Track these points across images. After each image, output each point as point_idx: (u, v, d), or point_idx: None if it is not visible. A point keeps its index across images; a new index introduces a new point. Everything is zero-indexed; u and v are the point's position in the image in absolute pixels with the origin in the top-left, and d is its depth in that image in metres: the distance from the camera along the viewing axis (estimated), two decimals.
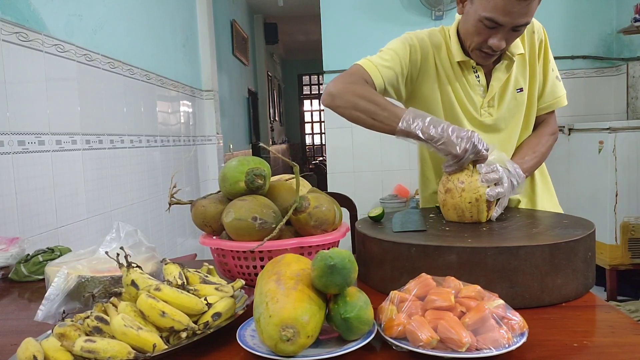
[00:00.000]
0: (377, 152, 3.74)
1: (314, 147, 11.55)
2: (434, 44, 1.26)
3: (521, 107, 1.26)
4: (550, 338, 0.70)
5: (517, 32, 1.10)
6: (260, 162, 0.93)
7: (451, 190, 1.05)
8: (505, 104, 1.25)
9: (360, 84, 1.17)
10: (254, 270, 0.90)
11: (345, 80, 1.19)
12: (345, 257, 0.66)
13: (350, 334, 0.67)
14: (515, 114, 1.26)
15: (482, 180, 1.03)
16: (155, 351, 0.64)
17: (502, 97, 1.25)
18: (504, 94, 1.24)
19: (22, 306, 1.03)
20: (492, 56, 1.16)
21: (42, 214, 1.66)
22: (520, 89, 1.25)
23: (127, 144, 2.34)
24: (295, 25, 7.96)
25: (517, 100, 1.25)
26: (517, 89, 1.24)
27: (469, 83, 1.24)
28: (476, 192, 1.02)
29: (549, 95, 1.28)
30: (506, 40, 1.11)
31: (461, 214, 1.05)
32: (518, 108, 1.26)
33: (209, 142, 3.67)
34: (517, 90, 1.24)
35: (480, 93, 1.25)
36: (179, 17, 3.20)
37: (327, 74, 3.74)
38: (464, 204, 1.03)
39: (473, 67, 1.24)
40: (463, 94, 1.25)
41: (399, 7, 3.64)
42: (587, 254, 0.87)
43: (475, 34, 1.12)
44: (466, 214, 1.04)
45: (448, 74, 1.25)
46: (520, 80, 1.24)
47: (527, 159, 1.22)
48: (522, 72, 1.25)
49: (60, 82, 1.80)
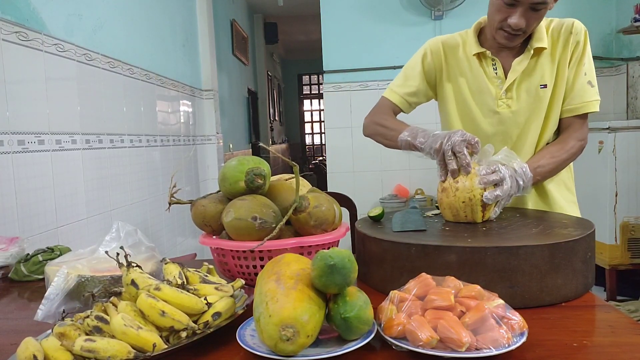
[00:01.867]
0: (377, 152, 3.74)
1: (313, 146, 11.55)
2: (449, 45, 1.34)
3: (543, 104, 1.24)
4: (550, 338, 0.70)
5: (537, 13, 1.13)
6: (260, 162, 0.93)
7: (446, 189, 1.06)
8: (524, 97, 1.24)
9: (380, 113, 1.40)
10: (254, 269, 0.90)
11: (372, 112, 1.43)
12: (345, 257, 0.66)
13: (350, 334, 0.67)
14: (536, 109, 1.25)
15: (480, 182, 1.02)
16: (155, 351, 0.64)
17: (521, 89, 1.25)
18: (525, 87, 1.24)
19: (22, 306, 1.03)
20: (515, 37, 1.18)
21: (41, 214, 1.66)
22: (544, 86, 1.23)
23: (127, 144, 2.34)
24: (295, 25, 7.96)
25: (540, 96, 1.24)
26: (541, 85, 1.23)
27: (486, 74, 1.28)
28: (470, 192, 1.02)
29: (576, 98, 1.23)
30: (526, 20, 1.13)
31: (456, 213, 1.05)
32: (539, 104, 1.24)
33: (208, 141, 3.67)
34: (541, 87, 1.23)
35: (497, 84, 1.27)
36: (179, 17, 3.20)
37: (327, 74, 3.74)
38: (458, 203, 1.04)
39: (492, 60, 1.27)
40: (479, 86, 1.29)
41: (399, 7, 3.64)
42: (586, 254, 0.87)
43: (496, 13, 1.17)
44: (460, 214, 1.04)
45: (463, 69, 1.31)
46: (546, 77, 1.23)
47: (543, 162, 1.19)
48: (549, 70, 1.23)
49: (60, 82, 1.80)
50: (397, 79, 1.42)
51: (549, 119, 1.27)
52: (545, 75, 1.23)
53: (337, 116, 3.76)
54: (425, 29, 3.62)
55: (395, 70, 3.65)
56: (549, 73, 1.23)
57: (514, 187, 1.06)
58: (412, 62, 1.39)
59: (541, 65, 1.23)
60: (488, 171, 1.04)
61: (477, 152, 1.07)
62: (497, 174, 1.04)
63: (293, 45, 9.59)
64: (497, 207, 1.05)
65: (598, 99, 1.23)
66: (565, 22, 1.23)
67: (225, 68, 4.70)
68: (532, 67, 1.24)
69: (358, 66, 3.70)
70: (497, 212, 1.06)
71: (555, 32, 1.23)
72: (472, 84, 1.30)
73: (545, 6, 1.11)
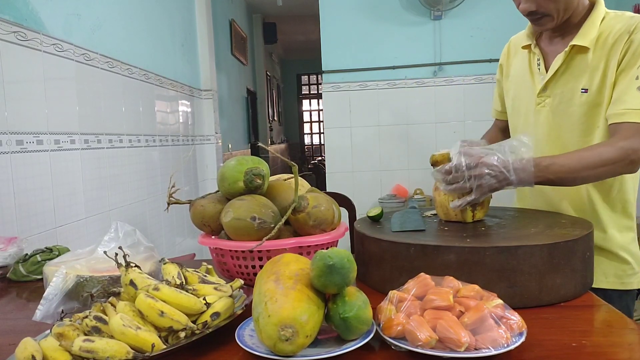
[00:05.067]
0: (376, 152, 3.74)
1: (312, 146, 11.54)
2: (514, 45, 1.33)
3: (583, 109, 1.12)
4: (549, 338, 0.70)
5: None
6: (259, 162, 0.93)
7: (438, 188, 1.08)
8: (563, 97, 1.15)
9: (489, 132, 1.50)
10: (253, 269, 0.90)
11: None
12: (344, 257, 0.66)
13: (349, 334, 0.67)
14: (575, 114, 1.13)
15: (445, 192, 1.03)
16: (154, 351, 0.64)
17: (560, 88, 1.15)
18: (563, 87, 1.15)
19: (21, 306, 1.03)
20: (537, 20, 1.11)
21: (40, 214, 1.66)
22: (585, 90, 1.11)
23: (125, 144, 2.34)
24: (294, 25, 7.96)
25: (580, 100, 1.12)
26: (582, 89, 1.11)
27: (530, 68, 1.24)
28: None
29: (617, 103, 1.06)
30: (536, 3, 1.07)
31: (446, 212, 1.06)
32: (579, 109, 1.12)
33: (207, 141, 3.66)
34: (582, 90, 1.11)
35: (539, 80, 1.19)
36: (178, 17, 3.20)
37: (326, 74, 3.74)
38: (447, 201, 1.05)
39: (537, 55, 1.21)
40: (524, 80, 1.25)
41: (398, 6, 3.64)
42: (585, 254, 0.87)
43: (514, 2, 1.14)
44: (451, 213, 1.06)
45: (515, 66, 1.29)
46: (589, 81, 1.10)
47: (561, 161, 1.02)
48: (594, 73, 1.10)
49: (58, 82, 1.80)
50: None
51: (596, 129, 1.11)
52: (589, 78, 1.10)
53: (336, 116, 3.76)
54: (424, 29, 3.62)
55: (394, 70, 3.66)
56: (593, 76, 1.10)
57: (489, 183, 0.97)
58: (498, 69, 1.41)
59: (585, 66, 1.10)
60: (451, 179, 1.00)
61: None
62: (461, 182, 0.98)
63: (292, 45, 9.59)
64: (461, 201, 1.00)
65: None
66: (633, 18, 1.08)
67: (224, 68, 4.69)
68: (574, 66, 1.12)
69: (357, 66, 3.70)
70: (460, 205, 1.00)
71: (613, 30, 1.08)
72: (519, 79, 1.26)
73: None
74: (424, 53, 3.63)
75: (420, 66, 3.66)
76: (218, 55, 4.14)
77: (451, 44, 3.59)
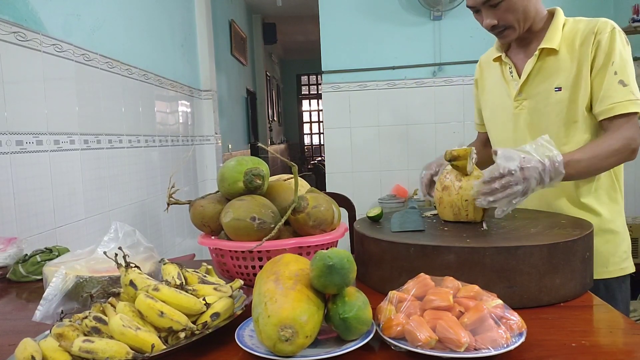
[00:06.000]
0: (376, 152, 3.74)
1: (312, 147, 11.54)
2: (485, 61, 1.42)
3: (559, 107, 1.19)
4: (549, 338, 0.70)
5: (500, 7, 1.16)
6: (258, 162, 0.93)
7: (448, 187, 1.06)
8: (538, 98, 1.23)
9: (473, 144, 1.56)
10: (253, 270, 0.90)
11: None
12: (343, 257, 0.66)
13: (348, 334, 0.67)
14: (552, 112, 1.21)
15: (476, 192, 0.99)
16: (153, 351, 0.64)
17: (535, 91, 1.23)
18: (538, 89, 1.23)
19: (20, 306, 1.03)
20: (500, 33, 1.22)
21: (40, 214, 1.66)
22: (559, 88, 1.19)
23: (125, 144, 2.34)
24: (294, 25, 7.96)
25: (556, 98, 1.20)
26: (555, 88, 1.20)
27: (504, 77, 1.31)
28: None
29: (605, 100, 1.13)
30: (496, 17, 1.18)
31: (457, 212, 1.05)
32: (556, 107, 1.20)
33: (207, 142, 3.66)
34: (555, 89, 1.20)
35: (513, 86, 1.28)
36: (178, 17, 3.20)
37: (326, 74, 3.74)
38: (460, 201, 1.04)
39: (508, 64, 1.29)
40: (499, 89, 1.33)
41: (398, 7, 3.64)
42: (585, 254, 0.87)
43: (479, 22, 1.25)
44: (462, 212, 1.04)
45: (490, 79, 1.38)
46: (561, 79, 1.19)
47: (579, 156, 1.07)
48: (565, 71, 1.18)
49: (58, 82, 1.80)
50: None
51: (574, 123, 1.19)
52: (561, 77, 1.19)
53: (336, 116, 3.76)
54: (424, 29, 3.62)
55: (394, 70, 3.66)
56: (566, 75, 1.18)
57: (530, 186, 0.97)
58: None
59: (556, 67, 1.19)
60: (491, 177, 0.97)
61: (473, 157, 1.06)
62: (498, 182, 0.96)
63: (292, 46, 9.59)
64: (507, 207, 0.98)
65: (633, 99, 1.11)
66: (592, 21, 1.18)
67: (223, 68, 4.69)
68: (546, 68, 1.21)
69: (357, 66, 3.70)
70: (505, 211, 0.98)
71: (578, 32, 1.18)
72: (494, 89, 1.35)
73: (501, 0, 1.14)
74: (424, 53, 3.63)
75: (420, 66, 3.66)
76: (218, 56, 4.14)
77: (451, 45, 3.59)
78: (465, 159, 1.03)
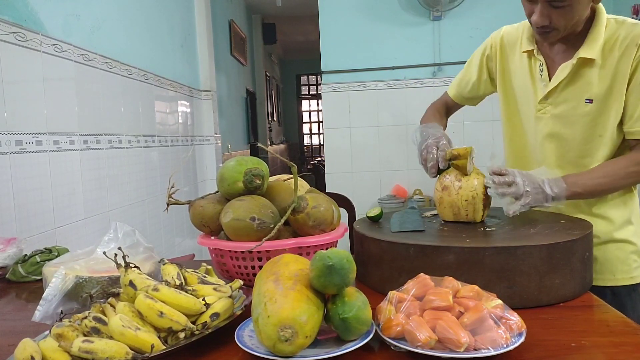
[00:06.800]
0: (376, 152, 3.74)
1: (312, 147, 11.54)
2: (509, 39, 1.28)
3: (587, 119, 1.13)
4: (548, 338, 0.70)
5: (560, 10, 1.02)
6: (258, 162, 0.93)
7: (448, 187, 1.06)
8: (565, 107, 1.15)
9: (432, 104, 1.48)
10: (252, 270, 0.90)
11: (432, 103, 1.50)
12: (343, 257, 0.66)
13: (348, 334, 0.67)
14: (578, 123, 1.14)
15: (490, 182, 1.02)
16: (153, 351, 0.64)
17: (564, 98, 1.15)
18: (567, 97, 1.14)
19: (20, 307, 1.03)
20: (546, 33, 1.08)
21: (39, 214, 1.66)
22: (590, 100, 1.11)
23: (125, 144, 2.34)
24: (294, 26, 7.96)
25: (584, 110, 1.12)
26: (586, 99, 1.12)
27: (531, 74, 1.20)
28: (473, 190, 1.03)
29: (638, 122, 1.08)
30: (549, 17, 1.04)
31: (457, 211, 1.05)
32: (583, 119, 1.13)
33: (207, 142, 3.66)
34: (586, 101, 1.12)
35: (541, 87, 1.18)
36: (177, 17, 3.20)
37: (326, 74, 3.74)
38: (460, 201, 1.04)
39: (539, 61, 1.18)
40: (524, 85, 1.23)
41: (397, 7, 3.64)
42: (584, 254, 0.87)
43: (524, 6, 1.09)
44: (462, 212, 1.04)
45: (515, 66, 1.25)
46: (594, 91, 1.11)
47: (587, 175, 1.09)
48: (599, 83, 1.10)
49: (57, 82, 1.80)
50: (459, 72, 1.42)
51: (599, 137, 1.13)
52: (594, 88, 1.10)
53: (336, 116, 3.76)
54: (423, 29, 3.62)
55: (393, 70, 3.66)
56: (599, 87, 1.10)
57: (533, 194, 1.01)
58: (474, 54, 1.38)
59: (590, 77, 1.10)
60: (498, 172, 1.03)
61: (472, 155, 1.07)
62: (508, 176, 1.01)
63: (291, 46, 9.59)
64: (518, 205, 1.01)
65: None
66: (636, 28, 1.08)
67: (223, 68, 4.69)
68: (579, 77, 1.12)
69: (356, 67, 3.70)
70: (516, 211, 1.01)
71: (618, 40, 1.08)
72: (519, 82, 1.24)
73: (566, 3, 1.00)
74: (424, 53, 3.64)
75: (420, 66, 3.66)
76: (217, 56, 4.14)
77: (450, 45, 3.59)
78: (465, 158, 1.04)
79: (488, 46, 1.32)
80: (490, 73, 1.34)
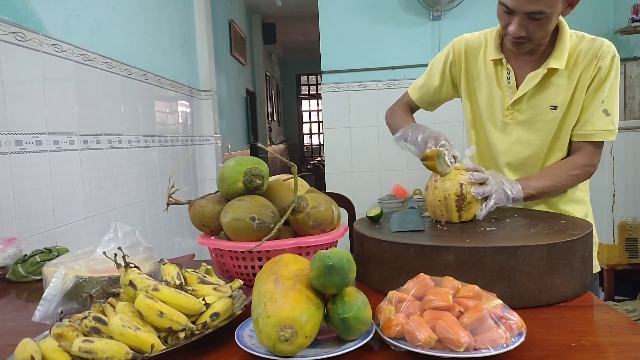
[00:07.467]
0: (375, 152, 3.74)
1: (312, 147, 11.54)
2: (472, 47, 1.31)
3: (551, 125, 1.21)
4: (548, 338, 0.70)
5: (537, 22, 1.07)
6: (258, 162, 0.93)
7: (428, 187, 1.09)
8: (531, 113, 1.22)
9: (397, 106, 1.49)
10: (252, 270, 0.90)
11: (393, 104, 1.51)
12: (343, 257, 0.66)
13: (348, 334, 0.67)
14: (543, 129, 1.22)
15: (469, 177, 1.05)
16: (153, 351, 0.64)
17: (530, 105, 1.22)
18: (534, 104, 1.21)
19: (20, 307, 1.03)
20: (520, 44, 1.13)
21: (39, 214, 1.66)
22: (555, 107, 1.19)
23: (124, 144, 2.34)
24: (294, 26, 7.96)
25: (549, 116, 1.20)
26: (551, 106, 1.20)
27: (498, 82, 1.25)
28: (445, 191, 1.04)
29: (587, 125, 1.19)
30: (526, 29, 1.09)
31: (434, 211, 1.08)
32: (548, 124, 1.21)
33: (207, 142, 3.66)
34: (551, 107, 1.20)
35: (508, 94, 1.24)
36: (177, 17, 3.20)
37: (325, 74, 3.74)
38: (435, 201, 1.06)
39: (507, 69, 1.23)
40: (490, 92, 1.27)
41: (397, 7, 3.64)
42: (584, 254, 0.87)
43: (500, 17, 1.15)
44: (437, 212, 1.07)
45: (480, 73, 1.29)
46: (559, 99, 1.19)
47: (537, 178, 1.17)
48: (563, 91, 1.19)
49: (57, 82, 1.80)
50: (422, 76, 1.43)
51: (559, 140, 1.23)
52: (559, 96, 1.19)
53: (336, 116, 3.76)
54: (423, 29, 3.62)
55: (393, 70, 3.66)
56: (563, 95, 1.18)
57: (500, 193, 1.06)
58: (436, 60, 1.39)
59: (555, 85, 1.19)
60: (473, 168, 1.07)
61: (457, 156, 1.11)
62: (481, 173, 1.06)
63: (291, 46, 9.59)
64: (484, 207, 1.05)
65: (612, 129, 1.18)
66: (595, 43, 1.17)
67: (223, 68, 4.69)
68: (546, 85, 1.19)
69: (356, 66, 3.70)
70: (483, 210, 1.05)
71: (580, 53, 1.17)
72: (485, 89, 1.28)
73: (544, 16, 1.06)
74: (423, 53, 3.63)
75: (420, 66, 3.65)
76: (217, 56, 4.14)
77: None
78: (433, 159, 1.06)
79: (451, 52, 1.34)
80: (453, 79, 1.37)
